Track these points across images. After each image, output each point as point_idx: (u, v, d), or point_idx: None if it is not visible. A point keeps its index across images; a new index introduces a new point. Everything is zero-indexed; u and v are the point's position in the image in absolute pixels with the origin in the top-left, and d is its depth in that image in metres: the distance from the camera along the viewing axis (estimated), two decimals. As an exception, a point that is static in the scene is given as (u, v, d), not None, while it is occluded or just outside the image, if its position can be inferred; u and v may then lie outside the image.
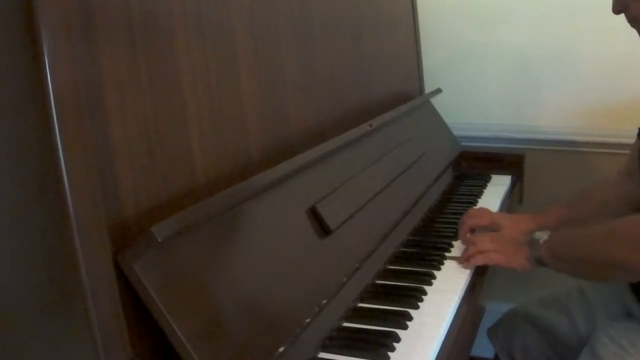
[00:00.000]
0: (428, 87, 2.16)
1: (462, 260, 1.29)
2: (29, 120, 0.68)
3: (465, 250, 1.32)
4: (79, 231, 0.68)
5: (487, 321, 1.55)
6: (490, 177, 1.96)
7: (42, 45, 0.64)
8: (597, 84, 2.04)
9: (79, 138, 0.68)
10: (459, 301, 1.16)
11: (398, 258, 1.32)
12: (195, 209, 0.81)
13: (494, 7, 2.12)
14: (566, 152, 2.11)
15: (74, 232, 0.68)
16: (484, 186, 1.87)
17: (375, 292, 1.17)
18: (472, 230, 1.45)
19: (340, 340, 1.01)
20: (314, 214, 1.11)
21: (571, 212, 1.49)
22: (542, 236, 1.25)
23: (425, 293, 1.16)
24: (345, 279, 1.12)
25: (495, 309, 1.66)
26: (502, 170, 2.00)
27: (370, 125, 1.43)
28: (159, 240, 0.72)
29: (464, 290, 1.20)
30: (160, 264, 0.76)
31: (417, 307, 1.11)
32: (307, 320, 0.97)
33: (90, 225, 0.70)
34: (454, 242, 1.41)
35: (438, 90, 2.09)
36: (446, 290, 1.19)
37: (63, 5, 0.67)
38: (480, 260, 1.28)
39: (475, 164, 2.06)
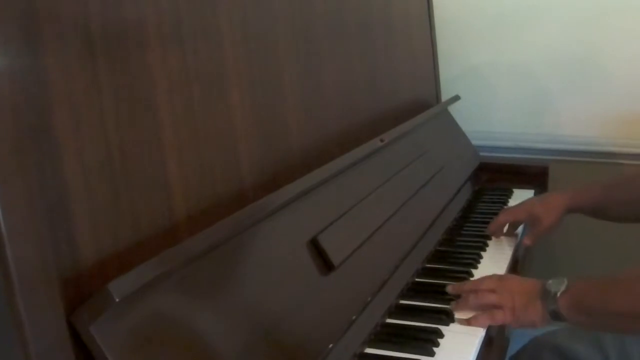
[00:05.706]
0: (445, 94, 2.01)
1: (464, 322, 1.08)
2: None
3: (464, 299, 1.12)
4: (20, 286, 0.56)
5: (510, 346, 1.39)
6: (512, 192, 1.81)
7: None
8: (630, 89, 1.88)
9: (18, 170, 0.55)
10: (479, 345, 1.02)
11: (412, 290, 1.18)
12: (165, 257, 0.66)
13: (516, 7, 1.97)
14: (595, 163, 1.94)
15: (15, 288, 0.55)
16: (506, 202, 1.72)
17: (385, 334, 1.03)
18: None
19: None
20: (316, 247, 0.97)
21: (607, 195, 1.40)
22: (559, 287, 1.05)
23: (441, 335, 1.02)
24: (354, 317, 0.98)
25: (518, 332, 1.50)
26: (524, 184, 1.86)
27: (382, 140, 1.28)
28: (117, 300, 0.58)
29: (485, 331, 1.06)
30: (124, 326, 0.63)
31: (432, 354, 0.97)
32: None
33: (36, 278, 0.57)
34: (473, 271, 1.27)
35: (456, 98, 1.94)
36: (465, 332, 1.05)
37: (-4, 9, 0.54)
38: (483, 321, 1.08)
39: (496, 176, 1.92)
